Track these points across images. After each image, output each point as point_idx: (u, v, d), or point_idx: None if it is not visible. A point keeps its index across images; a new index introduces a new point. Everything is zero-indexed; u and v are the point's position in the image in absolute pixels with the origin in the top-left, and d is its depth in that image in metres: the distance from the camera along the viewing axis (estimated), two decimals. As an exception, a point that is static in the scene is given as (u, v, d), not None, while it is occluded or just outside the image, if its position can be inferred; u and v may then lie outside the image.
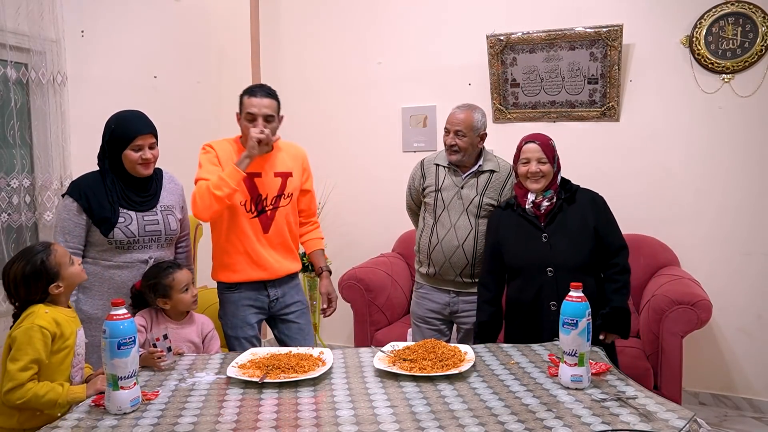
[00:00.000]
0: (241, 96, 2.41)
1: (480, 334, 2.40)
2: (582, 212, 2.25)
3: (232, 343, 2.50)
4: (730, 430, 3.05)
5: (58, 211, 2.23)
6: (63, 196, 2.24)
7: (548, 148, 2.28)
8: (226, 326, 2.51)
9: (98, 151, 2.28)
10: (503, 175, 2.59)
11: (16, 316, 1.85)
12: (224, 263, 2.47)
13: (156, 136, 2.28)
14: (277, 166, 2.48)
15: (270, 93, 2.40)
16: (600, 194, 2.33)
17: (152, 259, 2.27)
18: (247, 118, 2.37)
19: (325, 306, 2.62)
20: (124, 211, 2.21)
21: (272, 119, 2.39)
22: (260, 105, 2.35)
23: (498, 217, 2.40)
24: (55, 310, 1.84)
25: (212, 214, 2.34)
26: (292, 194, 2.53)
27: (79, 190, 2.19)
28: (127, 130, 2.20)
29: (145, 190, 2.29)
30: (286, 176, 2.50)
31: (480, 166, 2.59)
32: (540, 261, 2.23)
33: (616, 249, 2.27)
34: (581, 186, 2.35)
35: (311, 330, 2.66)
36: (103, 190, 2.20)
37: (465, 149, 2.55)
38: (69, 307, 1.93)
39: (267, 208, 2.46)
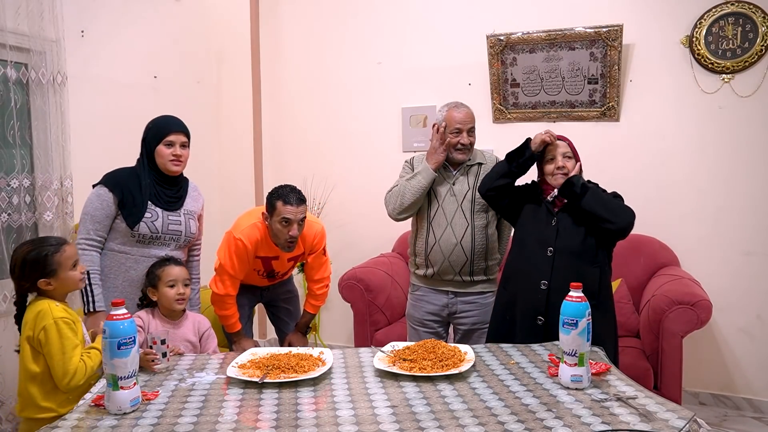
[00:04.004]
0: (273, 200, 2.46)
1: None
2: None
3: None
4: (730, 430, 3.05)
5: (90, 199, 2.30)
6: (94, 186, 2.32)
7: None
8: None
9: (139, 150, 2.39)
10: (490, 166, 2.56)
11: (18, 305, 1.89)
12: None
13: (188, 138, 2.40)
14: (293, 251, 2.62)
15: (302, 199, 2.49)
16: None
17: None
18: (281, 222, 2.45)
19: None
20: (152, 207, 2.31)
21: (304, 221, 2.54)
22: (296, 213, 2.44)
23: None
24: (56, 305, 1.87)
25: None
26: (303, 262, 2.81)
27: (115, 181, 2.30)
28: (161, 127, 2.36)
29: (174, 191, 2.40)
30: (298, 258, 2.72)
31: (469, 160, 2.59)
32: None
33: None
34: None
35: (299, 315, 2.92)
36: (137, 183, 2.31)
37: (473, 145, 2.59)
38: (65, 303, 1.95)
39: (277, 276, 2.75)
